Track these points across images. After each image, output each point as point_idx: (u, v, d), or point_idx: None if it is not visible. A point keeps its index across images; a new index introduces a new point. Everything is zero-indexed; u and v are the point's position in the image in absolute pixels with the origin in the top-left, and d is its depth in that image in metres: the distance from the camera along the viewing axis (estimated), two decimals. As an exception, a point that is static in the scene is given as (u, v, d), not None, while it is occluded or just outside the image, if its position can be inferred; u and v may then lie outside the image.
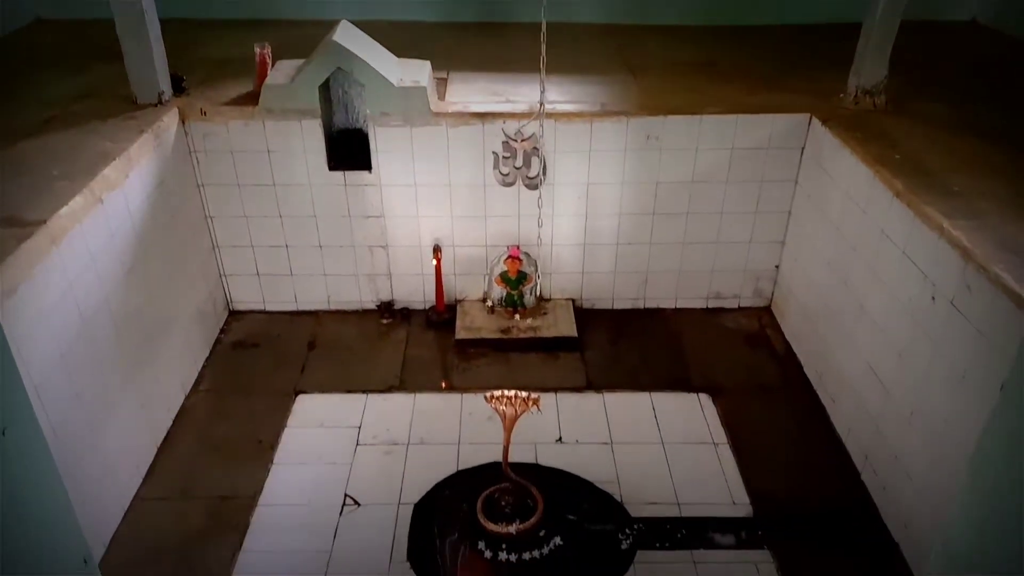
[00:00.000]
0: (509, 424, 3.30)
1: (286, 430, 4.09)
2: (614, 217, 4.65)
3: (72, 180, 3.35)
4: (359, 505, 3.66)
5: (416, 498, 3.69)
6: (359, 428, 4.11)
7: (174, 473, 3.80)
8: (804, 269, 4.51)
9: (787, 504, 3.66)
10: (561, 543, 3.30)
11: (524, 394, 3.23)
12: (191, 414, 4.18)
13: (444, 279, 4.78)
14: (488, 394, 3.25)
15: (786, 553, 3.40)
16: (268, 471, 3.83)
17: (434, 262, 4.64)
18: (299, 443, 4.02)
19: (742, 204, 4.62)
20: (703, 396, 4.33)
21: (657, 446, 4.00)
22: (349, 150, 4.45)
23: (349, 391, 4.35)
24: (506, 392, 3.22)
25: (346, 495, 3.70)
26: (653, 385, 4.39)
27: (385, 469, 3.85)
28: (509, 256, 4.67)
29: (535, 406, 3.23)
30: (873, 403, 3.65)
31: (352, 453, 3.95)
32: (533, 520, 3.31)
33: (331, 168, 4.43)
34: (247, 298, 4.92)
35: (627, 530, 3.51)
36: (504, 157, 4.23)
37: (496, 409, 3.27)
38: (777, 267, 4.84)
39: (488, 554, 3.25)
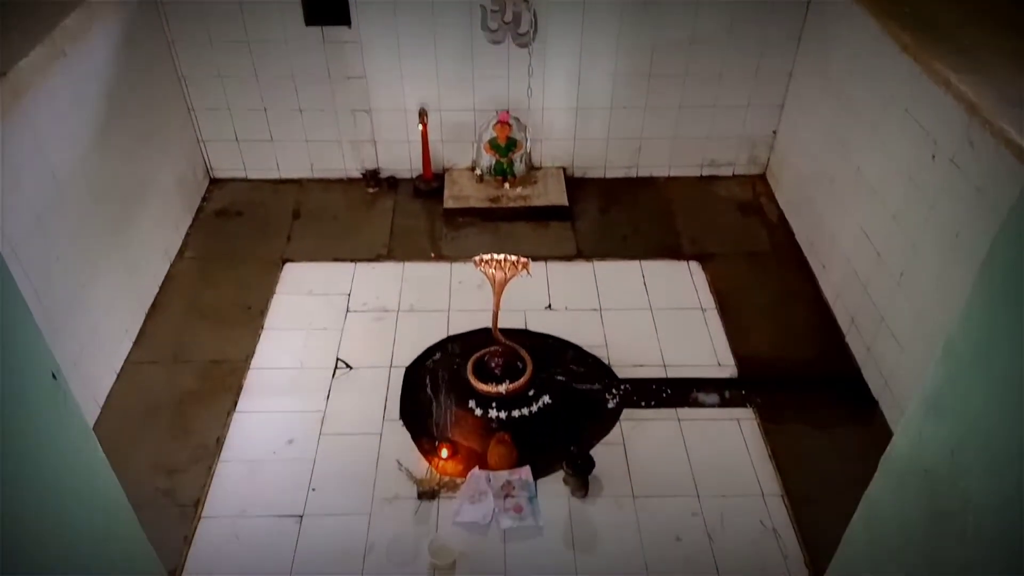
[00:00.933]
0: (499, 288, 3.28)
1: (275, 297, 4.08)
2: (608, 79, 4.46)
3: (30, 31, 3.13)
4: (351, 368, 3.70)
5: (407, 362, 3.73)
6: (348, 295, 4.10)
7: (164, 338, 3.81)
8: (802, 134, 4.39)
9: (771, 365, 3.73)
10: (550, 401, 3.37)
11: (514, 258, 3.19)
12: (177, 281, 4.14)
13: (431, 146, 4.64)
14: (477, 258, 3.21)
15: (768, 410, 3.50)
16: (258, 336, 3.84)
17: (420, 127, 4.48)
18: (289, 310, 4.01)
19: (742, 66, 4.42)
20: (693, 263, 4.32)
21: (645, 312, 4.03)
22: (326, 2, 4.17)
23: (337, 259, 4.31)
24: (495, 256, 3.18)
25: (338, 359, 3.74)
26: (643, 253, 4.36)
27: (376, 335, 3.87)
28: (498, 121, 4.50)
29: (525, 270, 3.20)
30: (864, 267, 3.64)
31: (343, 319, 3.96)
32: (522, 380, 3.37)
33: (307, 23, 4.17)
34: (227, 165, 4.77)
35: (613, 390, 3.59)
36: (492, 11, 3.99)
37: (485, 273, 3.24)
38: (775, 132, 4.71)
39: (478, 412, 3.32)
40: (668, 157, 4.82)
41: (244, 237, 4.45)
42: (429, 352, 3.77)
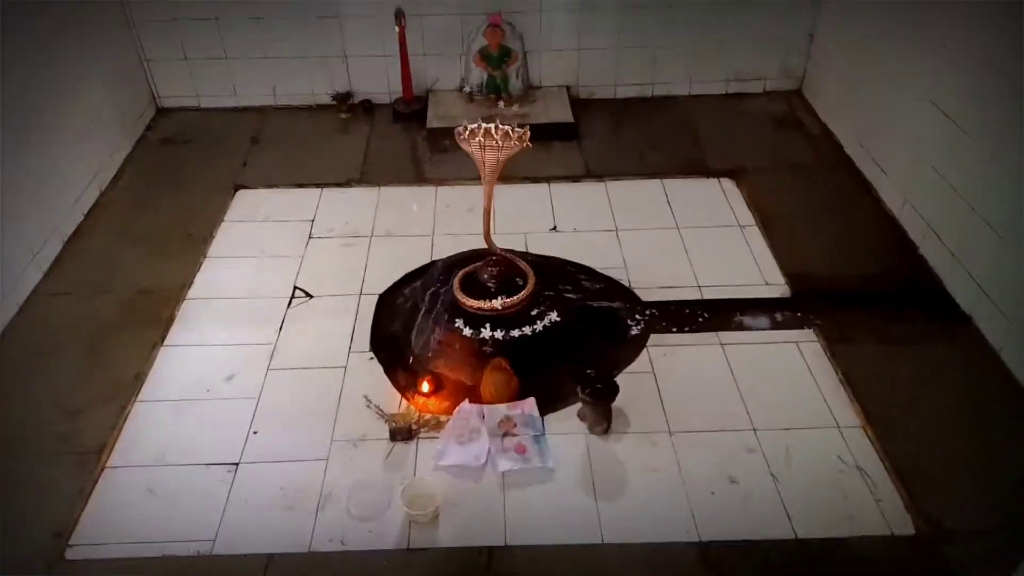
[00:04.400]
0: (490, 173, 2.58)
1: (223, 224, 3.39)
2: (616, -29, 3.82)
3: None
4: (311, 297, 3.00)
5: (380, 289, 3.04)
6: (312, 221, 3.40)
7: (83, 267, 3.11)
8: (846, 30, 3.72)
9: (831, 283, 3.02)
10: (558, 319, 2.66)
11: (509, 127, 2.50)
12: (107, 209, 3.45)
13: (412, 62, 3.97)
14: (460, 128, 2.51)
15: (833, 331, 2.78)
16: (199, 264, 3.14)
17: (396, 30, 3.81)
18: (238, 236, 3.32)
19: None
20: (724, 180, 3.63)
21: (671, 231, 3.33)
22: None
23: (300, 185, 3.63)
24: (484, 125, 2.49)
25: (295, 287, 3.04)
26: (664, 171, 3.67)
27: (344, 262, 3.18)
28: (489, 25, 3.85)
29: (525, 143, 2.50)
30: (938, 154, 2.94)
31: (303, 246, 3.26)
32: (524, 294, 2.66)
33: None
34: (176, 91, 4.11)
35: (636, 316, 2.88)
36: None
37: (471, 152, 2.55)
38: (811, 36, 4.04)
39: (467, 332, 2.61)
40: (687, 70, 4.15)
41: (191, 164, 3.77)
42: (408, 278, 3.07)
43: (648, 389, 2.59)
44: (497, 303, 2.62)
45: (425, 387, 2.56)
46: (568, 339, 2.66)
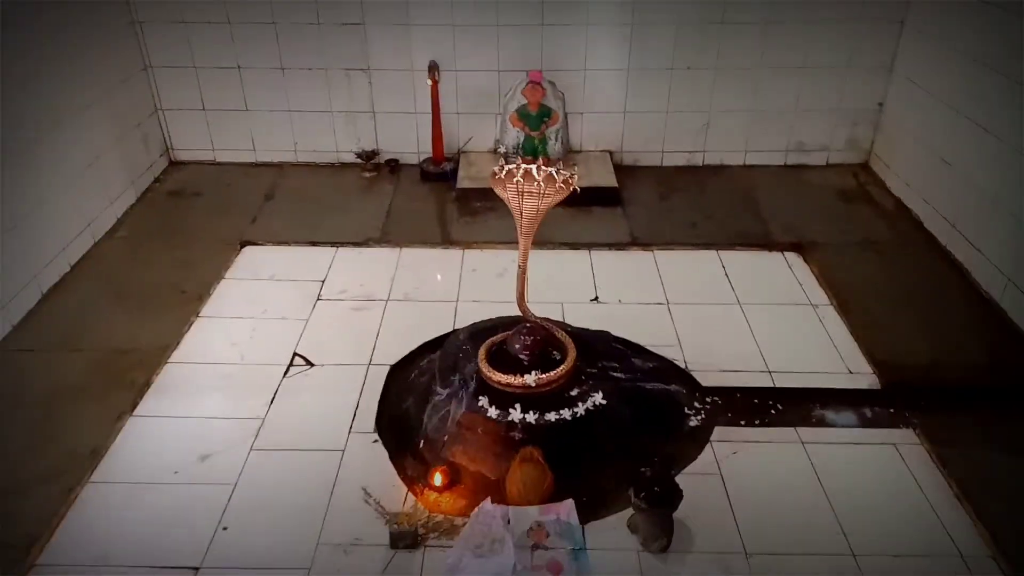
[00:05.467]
0: (529, 225, 2.18)
1: (222, 282, 3.01)
2: (670, 30, 3.53)
3: None
4: (312, 365, 2.58)
5: (393, 359, 2.60)
6: (322, 282, 3.02)
7: (56, 322, 2.72)
8: (921, 101, 3.37)
9: (928, 374, 2.54)
10: (603, 402, 2.19)
11: (553, 170, 2.12)
12: (97, 260, 3.11)
13: (444, 120, 3.68)
14: (496, 168, 2.13)
15: (937, 431, 2.28)
16: (189, 324, 2.75)
17: (429, 83, 3.54)
18: (237, 295, 2.94)
19: (839, 13, 3.48)
20: (789, 254, 3.21)
21: (732, 307, 2.89)
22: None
23: (312, 243, 3.27)
24: (523, 165, 2.11)
25: (295, 354, 2.62)
26: (720, 242, 3.27)
27: (354, 327, 2.77)
28: (528, 83, 3.56)
29: (571, 187, 2.11)
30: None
31: (310, 308, 2.86)
32: (562, 370, 2.20)
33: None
34: (192, 144, 3.84)
35: (696, 404, 2.40)
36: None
37: (506, 197, 2.16)
38: (881, 105, 3.69)
39: (493, 414, 2.15)
40: (744, 139, 3.81)
41: (197, 218, 3.44)
42: (425, 348, 2.64)
43: (715, 496, 2.08)
44: (530, 379, 2.17)
45: (438, 479, 2.09)
46: (616, 427, 2.17)
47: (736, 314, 2.85)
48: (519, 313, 2.33)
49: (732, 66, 3.61)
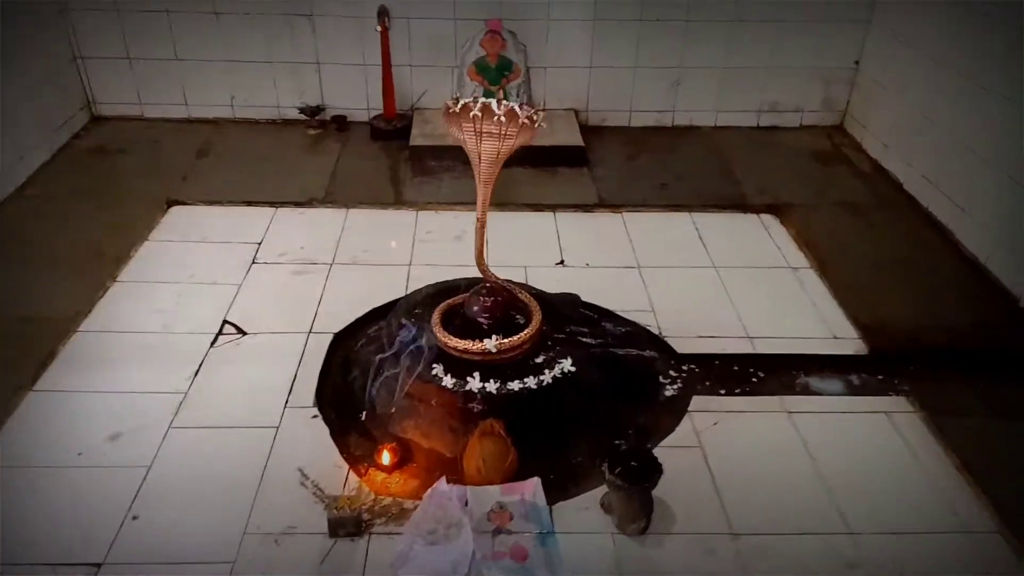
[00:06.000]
0: (488, 170, 1.93)
1: (145, 244, 2.70)
2: (637, -23, 3.30)
3: None
4: (243, 334, 2.29)
5: (337, 328, 2.34)
6: (259, 245, 2.72)
7: (-52, 287, 2.41)
8: (902, 55, 3.20)
9: (916, 338, 2.37)
10: (573, 369, 1.96)
11: (514, 105, 1.86)
12: (0, 221, 2.77)
13: (396, 73, 3.39)
14: (451, 101, 1.87)
15: (934, 399, 2.11)
16: (105, 289, 2.44)
17: (379, 30, 3.24)
18: (162, 258, 2.63)
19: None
20: (765, 216, 3.02)
21: (707, 271, 2.68)
22: None
23: (249, 203, 2.97)
24: (482, 99, 1.85)
25: (225, 321, 2.34)
26: (693, 204, 3.06)
27: (293, 293, 2.48)
28: (488, 32, 3.29)
29: (534, 122, 1.86)
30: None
31: (244, 273, 2.57)
32: (526, 334, 1.97)
33: None
34: (116, 97, 3.48)
35: (672, 372, 2.19)
36: None
37: (463, 139, 1.90)
38: (857, 63, 3.52)
39: (449, 383, 1.90)
40: (715, 98, 3.60)
41: (121, 177, 3.10)
42: (374, 316, 2.38)
43: (697, 471, 1.88)
44: (490, 344, 1.92)
45: (386, 458, 1.84)
46: (587, 397, 1.95)
47: (712, 278, 2.64)
48: (478, 275, 2.09)
49: (703, 19, 3.39)
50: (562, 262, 2.71)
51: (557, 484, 1.80)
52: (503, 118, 1.82)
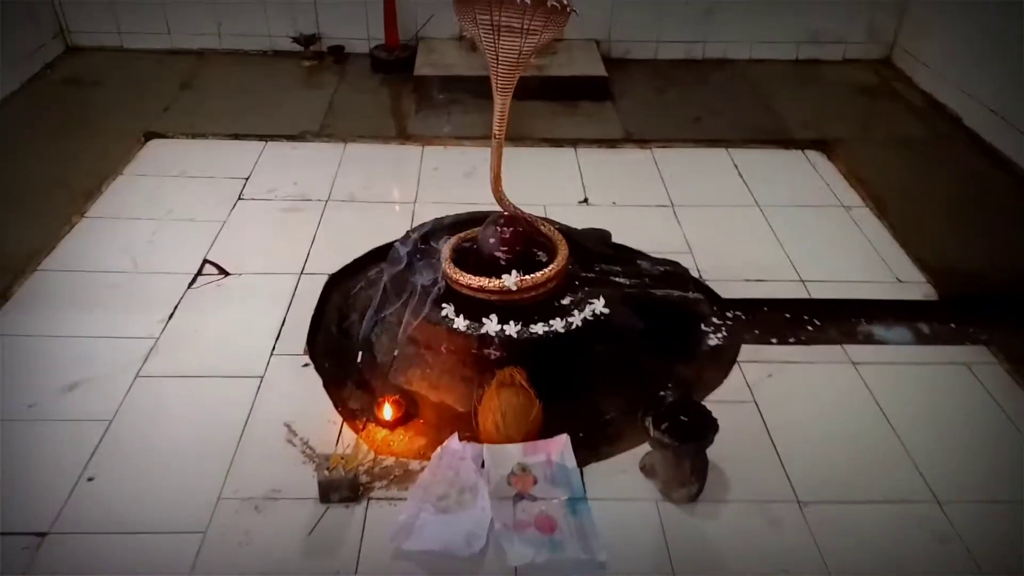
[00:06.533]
0: (507, 75, 1.63)
1: (119, 178, 2.41)
2: None
3: None
4: (225, 275, 2.02)
5: (332, 268, 2.06)
6: (246, 180, 2.44)
7: None
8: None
9: (990, 282, 2.08)
10: (605, 311, 1.68)
11: (538, -4, 1.56)
12: (-45, 152, 2.49)
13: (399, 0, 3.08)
14: (463, -9, 1.57)
15: (1021, 350, 1.83)
16: (71, 225, 2.16)
17: (380, -55, 2.92)
18: (137, 193, 2.34)
19: None
20: (811, 152, 2.72)
21: (751, 209, 2.39)
22: None
23: (235, 136, 2.67)
24: (500, -14, 1.55)
25: (205, 260, 2.06)
26: (731, 139, 2.76)
27: (283, 231, 2.20)
28: (501, -51, 2.97)
29: (566, 6, 1.56)
30: None
31: (228, 209, 2.28)
32: (550, 270, 1.69)
33: None
34: (93, 26, 3.17)
35: (715, 319, 1.92)
36: None
37: (477, 34, 1.60)
38: (909, -13, 3.19)
39: (461, 326, 1.63)
40: (749, 29, 3.27)
41: (95, 109, 2.82)
42: (374, 256, 2.10)
43: (752, 429, 1.60)
44: (509, 281, 1.64)
45: (387, 412, 1.57)
46: (622, 343, 1.67)
47: (755, 217, 2.35)
48: (494, 207, 1.81)
49: (741, -64, 3.06)
50: (585, 200, 2.42)
51: (588, 443, 1.53)
52: (526, 22, 1.51)
